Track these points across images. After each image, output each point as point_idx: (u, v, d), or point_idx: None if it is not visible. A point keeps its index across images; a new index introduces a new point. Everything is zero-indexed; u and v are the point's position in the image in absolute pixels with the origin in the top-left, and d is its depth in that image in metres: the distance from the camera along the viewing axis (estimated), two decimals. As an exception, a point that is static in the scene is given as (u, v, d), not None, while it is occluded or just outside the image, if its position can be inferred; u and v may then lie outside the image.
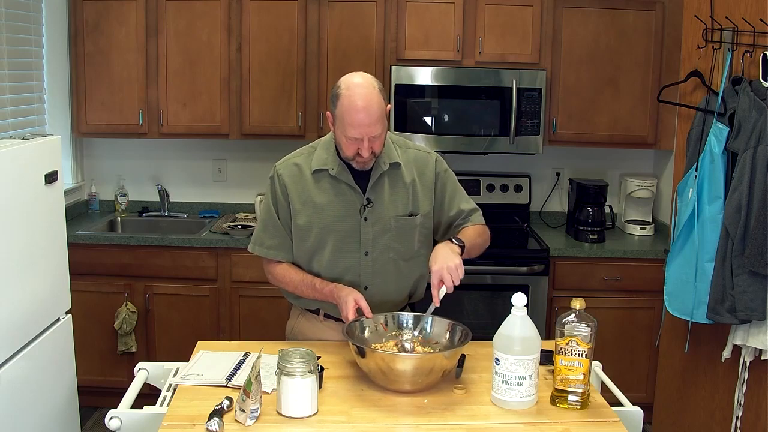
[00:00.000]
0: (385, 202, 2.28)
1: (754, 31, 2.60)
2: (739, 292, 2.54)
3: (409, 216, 2.30)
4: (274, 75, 3.86)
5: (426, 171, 2.33)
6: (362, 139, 2.13)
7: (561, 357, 1.92)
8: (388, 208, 2.28)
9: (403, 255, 2.32)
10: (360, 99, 2.10)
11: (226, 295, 3.75)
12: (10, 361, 2.39)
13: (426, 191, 2.33)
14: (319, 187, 2.28)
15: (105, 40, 3.85)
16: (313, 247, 2.29)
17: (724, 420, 2.80)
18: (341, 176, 2.26)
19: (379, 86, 2.15)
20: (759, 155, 2.48)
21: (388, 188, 2.28)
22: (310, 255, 2.31)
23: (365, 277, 2.30)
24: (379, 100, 2.13)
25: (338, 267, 2.29)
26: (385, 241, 2.28)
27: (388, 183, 2.28)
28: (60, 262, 2.79)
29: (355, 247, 2.28)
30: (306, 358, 1.84)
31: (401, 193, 2.30)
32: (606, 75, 3.87)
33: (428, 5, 3.80)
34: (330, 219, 2.27)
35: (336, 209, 2.27)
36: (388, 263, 2.30)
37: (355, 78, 2.15)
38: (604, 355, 2.45)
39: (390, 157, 2.28)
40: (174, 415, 1.86)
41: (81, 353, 3.05)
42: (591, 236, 3.88)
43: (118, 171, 4.30)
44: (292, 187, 2.31)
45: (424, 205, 2.32)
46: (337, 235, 2.27)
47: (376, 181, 2.27)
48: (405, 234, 2.30)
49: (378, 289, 2.31)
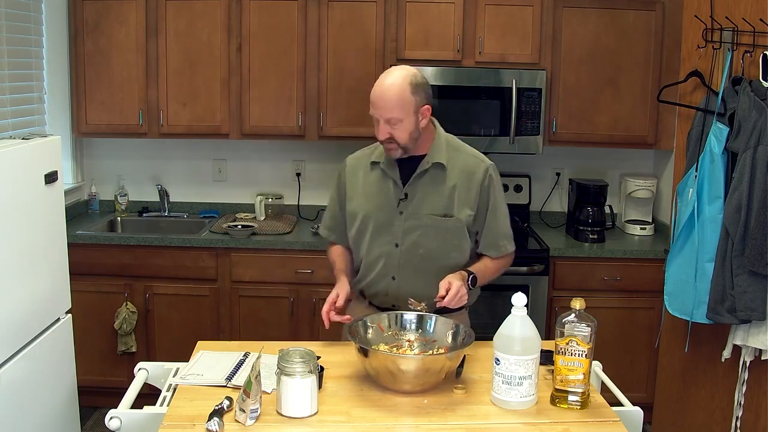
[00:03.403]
0: (422, 199, 2.36)
1: (754, 31, 2.60)
2: (739, 292, 2.54)
3: (443, 216, 2.35)
4: (274, 75, 3.86)
5: (473, 178, 2.36)
6: (379, 120, 2.27)
7: (561, 357, 1.92)
8: (424, 206, 2.35)
9: (432, 253, 2.36)
10: (383, 81, 2.27)
11: (226, 295, 3.75)
12: (10, 361, 2.39)
13: (468, 198, 2.36)
14: (370, 178, 2.44)
15: (105, 40, 3.85)
16: (357, 232, 2.44)
17: (724, 420, 2.80)
18: (388, 169, 2.39)
19: (412, 80, 2.24)
20: (759, 155, 2.48)
21: (429, 186, 2.36)
22: (355, 240, 2.46)
23: (394, 269, 2.38)
24: (402, 90, 2.22)
25: (374, 254, 2.41)
26: (415, 237, 2.36)
27: (429, 181, 2.36)
28: (60, 262, 2.79)
29: (388, 238, 2.38)
30: (306, 358, 1.84)
31: (441, 193, 2.36)
32: (606, 75, 3.87)
33: (428, 5, 3.80)
34: (372, 208, 2.40)
35: (378, 199, 2.40)
36: (416, 258, 2.36)
37: (396, 68, 2.31)
38: (604, 355, 2.45)
39: (434, 157, 2.36)
40: (174, 415, 1.86)
41: (81, 353, 3.04)
42: (591, 236, 3.88)
43: (118, 171, 4.30)
44: (350, 176, 2.48)
45: (463, 210, 2.36)
46: (375, 223, 2.39)
47: (416, 177, 2.36)
48: (438, 233, 2.35)
49: (405, 282, 2.38)
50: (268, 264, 3.70)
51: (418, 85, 2.26)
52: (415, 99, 2.25)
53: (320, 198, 4.31)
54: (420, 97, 2.26)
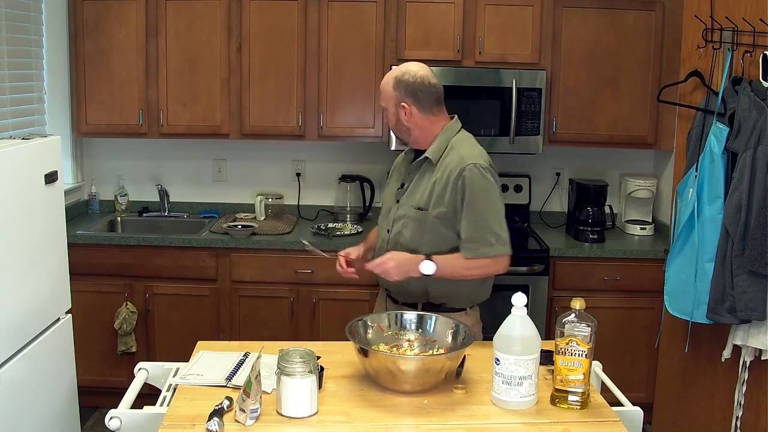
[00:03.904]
0: (412, 191, 2.48)
1: (754, 31, 2.60)
2: (739, 292, 2.54)
3: (418, 209, 2.43)
4: (274, 75, 3.86)
5: (451, 176, 2.38)
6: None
7: (561, 357, 1.92)
8: (411, 197, 2.48)
9: (408, 244, 2.44)
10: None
11: (226, 295, 3.75)
12: (10, 361, 2.39)
13: (443, 195, 2.39)
14: (400, 168, 2.63)
15: (105, 40, 3.85)
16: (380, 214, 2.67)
17: (724, 420, 2.80)
18: (405, 160, 2.61)
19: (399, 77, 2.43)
20: (759, 155, 2.48)
21: (419, 179, 2.48)
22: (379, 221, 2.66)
23: (382, 253, 2.47)
24: (387, 83, 2.46)
25: (379, 237, 2.60)
26: (399, 226, 2.48)
27: (420, 175, 2.48)
28: (60, 262, 2.79)
29: (384, 224, 2.56)
30: (306, 358, 1.84)
31: (424, 186, 2.44)
32: (606, 75, 3.87)
33: (428, 5, 3.80)
34: (387, 192, 2.66)
35: (391, 187, 2.63)
36: (398, 246, 2.46)
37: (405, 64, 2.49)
38: (604, 355, 2.45)
39: (428, 152, 2.46)
40: (174, 415, 1.86)
41: (81, 353, 3.05)
42: (591, 236, 3.88)
43: (118, 171, 4.30)
44: (395, 165, 2.69)
45: (437, 207, 2.39)
46: (383, 208, 2.62)
47: (412, 170, 2.51)
48: (415, 225, 2.43)
49: None
50: (268, 264, 3.70)
51: (401, 82, 2.42)
52: (395, 93, 2.43)
53: (320, 198, 4.31)
54: (399, 93, 2.42)
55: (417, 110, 2.42)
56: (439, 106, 2.47)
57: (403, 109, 2.43)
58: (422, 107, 2.43)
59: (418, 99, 2.42)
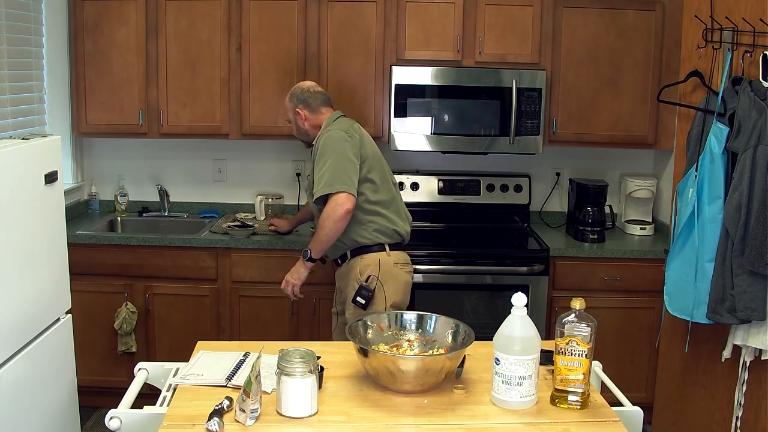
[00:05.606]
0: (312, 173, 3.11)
1: (754, 31, 2.60)
2: (739, 292, 2.54)
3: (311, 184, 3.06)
4: (274, 75, 3.86)
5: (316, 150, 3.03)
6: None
7: (561, 357, 1.92)
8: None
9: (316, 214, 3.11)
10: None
11: (226, 295, 3.75)
12: (10, 361, 2.39)
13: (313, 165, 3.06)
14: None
15: (105, 40, 3.85)
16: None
17: (724, 420, 2.80)
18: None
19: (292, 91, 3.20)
20: (759, 155, 2.48)
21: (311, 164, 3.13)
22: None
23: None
24: (286, 101, 3.23)
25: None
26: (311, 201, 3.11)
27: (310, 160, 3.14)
28: (60, 262, 2.79)
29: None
30: (306, 358, 1.84)
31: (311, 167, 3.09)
32: (606, 75, 3.87)
33: (428, 5, 3.80)
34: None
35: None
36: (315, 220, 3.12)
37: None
38: (604, 355, 2.45)
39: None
40: (174, 415, 1.86)
41: (81, 353, 3.05)
42: (591, 236, 3.88)
43: (118, 171, 4.30)
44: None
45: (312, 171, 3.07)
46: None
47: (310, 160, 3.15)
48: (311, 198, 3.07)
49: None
50: (268, 264, 3.70)
51: (293, 95, 3.19)
52: (290, 104, 3.19)
53: (320, 198, 4.31)
54: (293, 103, 3.18)
55: (308, 112, 3.15)
56: (326, 106, 3.17)
57: (299, 114, 3.16)
58: (311, 109, 3.15)
59: (307, 103, 3.15)
